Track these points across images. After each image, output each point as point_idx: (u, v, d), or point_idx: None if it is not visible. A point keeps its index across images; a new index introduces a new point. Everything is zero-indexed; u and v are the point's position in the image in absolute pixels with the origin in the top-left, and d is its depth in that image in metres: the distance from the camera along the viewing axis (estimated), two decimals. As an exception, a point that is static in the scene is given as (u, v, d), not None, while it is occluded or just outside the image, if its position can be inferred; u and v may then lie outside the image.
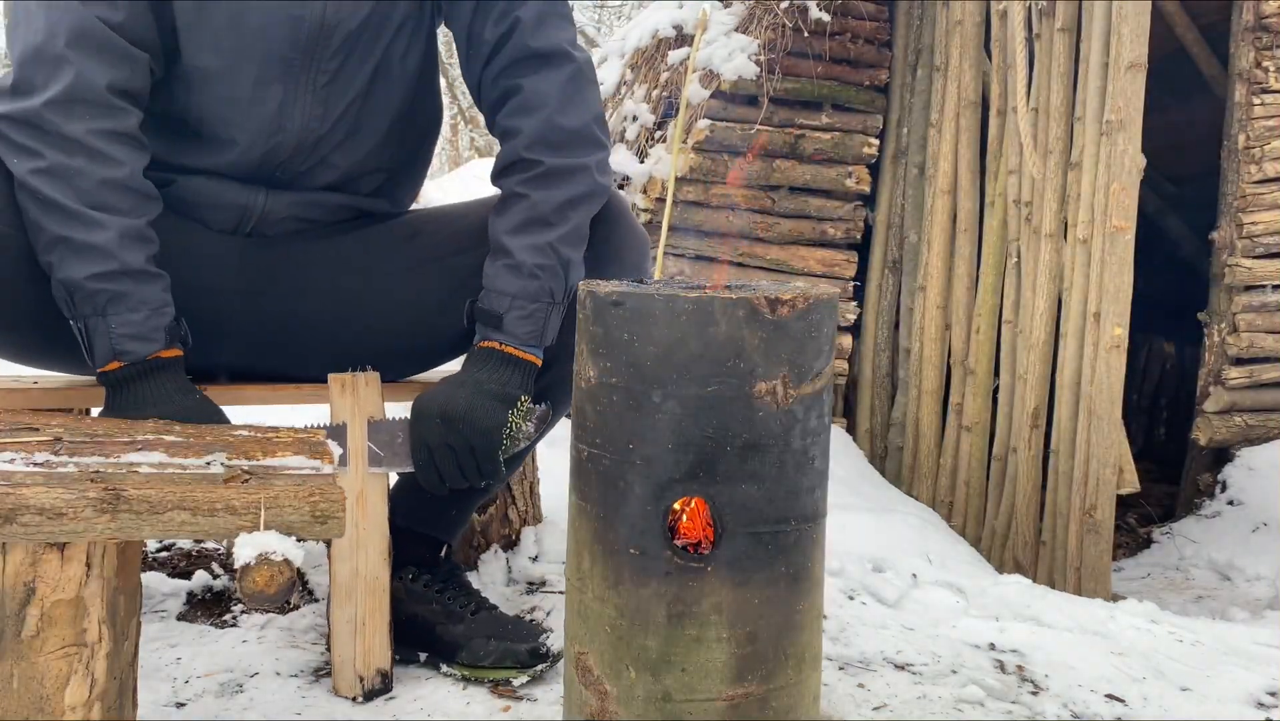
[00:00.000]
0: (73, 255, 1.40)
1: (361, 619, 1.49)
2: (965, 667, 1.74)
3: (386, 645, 1.51)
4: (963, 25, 3.98)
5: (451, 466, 1.48)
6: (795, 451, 1.06)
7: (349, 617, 1.49)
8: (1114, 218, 3.30)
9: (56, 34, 1.39)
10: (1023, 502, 3.63)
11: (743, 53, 4.02)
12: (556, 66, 1.55)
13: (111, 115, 1.42)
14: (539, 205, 1.51)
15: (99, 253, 1.40)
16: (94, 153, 1.40)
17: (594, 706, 1.10)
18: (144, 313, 1.42)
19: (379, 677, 1.50)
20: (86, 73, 1.40)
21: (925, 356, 4.08)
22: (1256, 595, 3.63)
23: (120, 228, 1.41)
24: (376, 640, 1.50)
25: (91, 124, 1.40)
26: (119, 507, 1.01)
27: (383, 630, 1.50)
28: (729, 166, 4.05)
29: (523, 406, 1.49)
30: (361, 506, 1.49)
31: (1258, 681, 1.77)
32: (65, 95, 1.39)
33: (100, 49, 1.41)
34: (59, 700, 1.03)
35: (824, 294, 1.07)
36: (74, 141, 1.39)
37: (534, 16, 1.55)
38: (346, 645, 1.49)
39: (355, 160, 1.66)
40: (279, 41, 1.51)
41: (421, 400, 1.51)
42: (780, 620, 1.08)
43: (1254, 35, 4.01)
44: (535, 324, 1.52)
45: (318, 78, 1.56)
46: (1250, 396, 4.15)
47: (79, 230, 1.40)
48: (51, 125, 1.39)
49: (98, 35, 1.40)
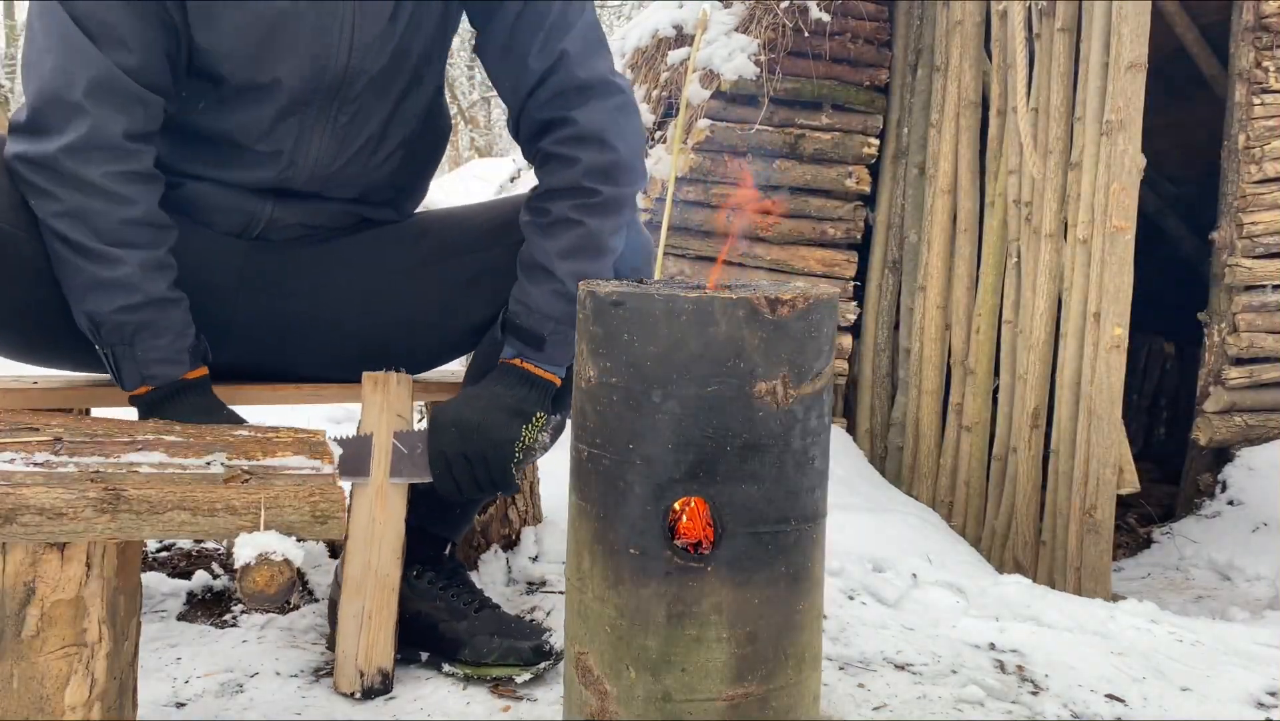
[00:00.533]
0: (98, 290, 1.45)
1: (369, 614, 1.49)
2: (965, 667, 1.74)
3: (390, 643, 1.51)
4: (963, 25, 3.98)
5: (466, 476, 1.50)
6: (795, 451, 1.06)
7: (355, 612, 1.49)
8: (1114, 218, 3.30)
9: (74, 82, 1.40)
10: (1023, 502, 3.63)
11: (743, 53, 4.02)
12: (604, 96, 1.56)
13: (126, 158, 1.44)
14: (594, 233, 1.53)
15: (122, 287, 1.44)
16: (110, 195, 1.43)
17: (594, 706, 1.10)
18: (169, 338, 1.47)
19: (379, 676, 1.50)
20: (102, 121, 1.41)
21: (925, 356, 4.08)
22: (1256, 595, 3.63)
23: (141, 261, 1.45)
24: (381, 637, 1.50)
25: (107, 168, 1.43)
26: (119, 507, 1.01)
27: (388, 628, 1.50)
28: (729, 166, 4.05)
29: (538, 422, 1.51)
30: (380, 502, 1.50)
31: (1258, 681, 1.77)
32: (82, 142, 1.41)
33: (116, 98, 1.42)
34: (59, 700, 1.03)
35: (824, 294, 1.07)
36: (91, 185, 1.42)
37: (580, 48, 1.55)
38: (350, 640, 1.49)
39: (366, 182, 1.67)
40: (301, 84, 1.52)
41: (439, 411, 1.54)
42: (780, 620, 1.08)
43: (1254, 35, 4.01)
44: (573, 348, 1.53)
45: (338, 117, 1.57)
46: (1250, 396, 4.15)
47: (103, 267, 1.44)
48: (68, 170, 1.42)
49: (114, 84, 1.42)
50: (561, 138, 1.55)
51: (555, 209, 1.55)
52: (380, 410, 1.54)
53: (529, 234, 1.57)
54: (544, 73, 1.55)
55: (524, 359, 1.55)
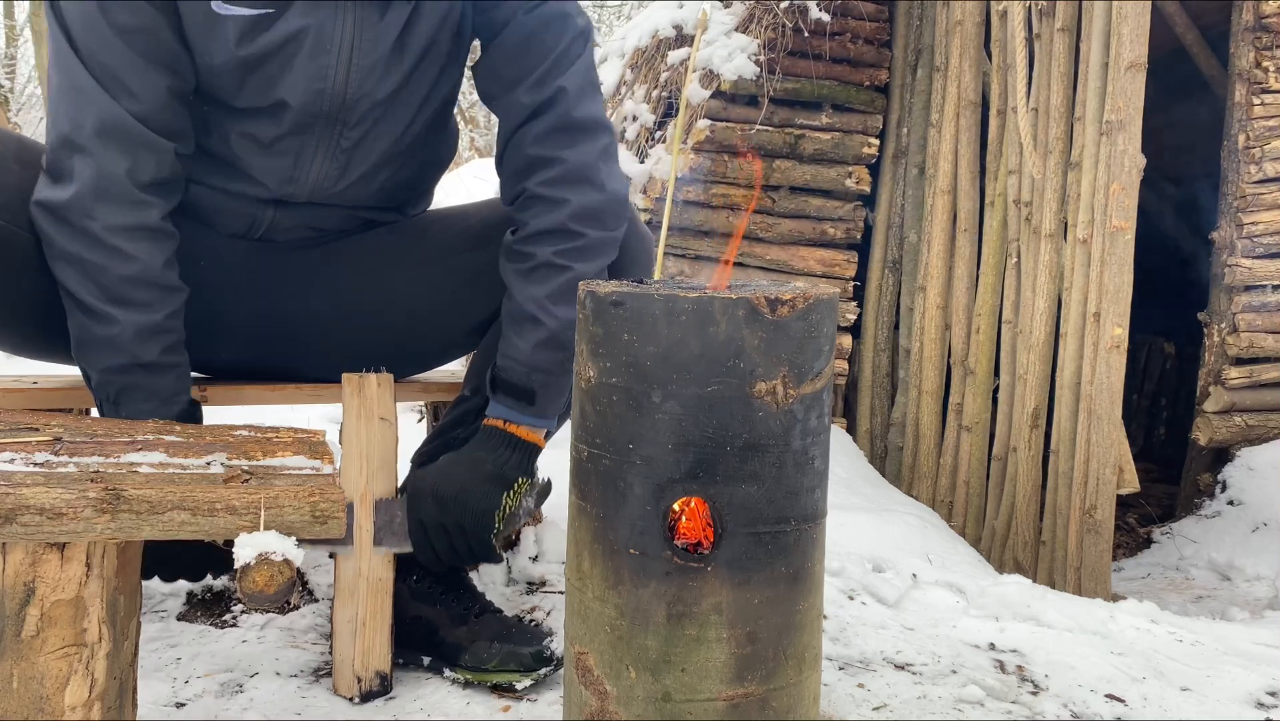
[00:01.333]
0: (90, 345, 1.45)
1: (362, 619, 1.49)
2: (965, 667, 1.74)
3: (386, 647, 1.51)
4: (963, 25, 3.98)
5: (445, 546, 1.48)
6: (795, 451, 1.06)
7: (350, 617, 1.49)
8: (1114, 218, 3.30)
9: (83, 125, 1.41)
10: (1023, 502, 3.63)
11: (743, 53, 4.01)
12: (594, 138, 1.53)
13: (134, 210, 1.44)
14: (581, 277, 1.49)
15: (112, 347, 1.44)
16: (113, 250, 1.43)
17: (594, 706, 1.10)
18: (153, 404, 1.46)
19: (377, 679, 1.50)
20: (109, 165, 1.41)
21: (925, 356, 4.08)
22: (1256, 595, 3.63)
23: (136, 324, 1.44)
24: (377, 641, 1.50)
25: (112, 220, 1.42)
26: (119, 507, 1.01)
27: (384, 631, 1.50)
28: (729, 166, 4.05)
29: (520, 487, 1.48)
30: (365, 507, 1.49)
31: (1258, 681, 1.77)
32: (89, 190, 1.41)
33: (124, 142, 1.42)
34: (59, 700, 1.03)
35: (824, 294, 1.07)
36: (94, 238, 1.42)
37: (578, 87, 1.52)
38: (346, 645, 1.49)
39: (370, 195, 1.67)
40: (300, 107, 1.51)
41: (418, 478, 1.51)
42: (780, 620, 1.08)
43: (1254, 35, 4.01)
44: (565, 396, 1.53)
45: (341, 141, 1.56)
46: (1250, 396, 4.15)
47: (96, 324, 1.44)
48: (76, 219, 1.42)
49: (121, 128, 1.41)
50: (549, 178, 1.51)
51: (539, 253, 1.51)
52: (358, 416, 1.51)
53: (512, 281, 1.52)
54: (539, 106, 1.51)
55: (509, 421, 1.51)
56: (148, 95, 1.43)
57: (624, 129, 4.44)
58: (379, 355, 1.64)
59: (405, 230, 1.74)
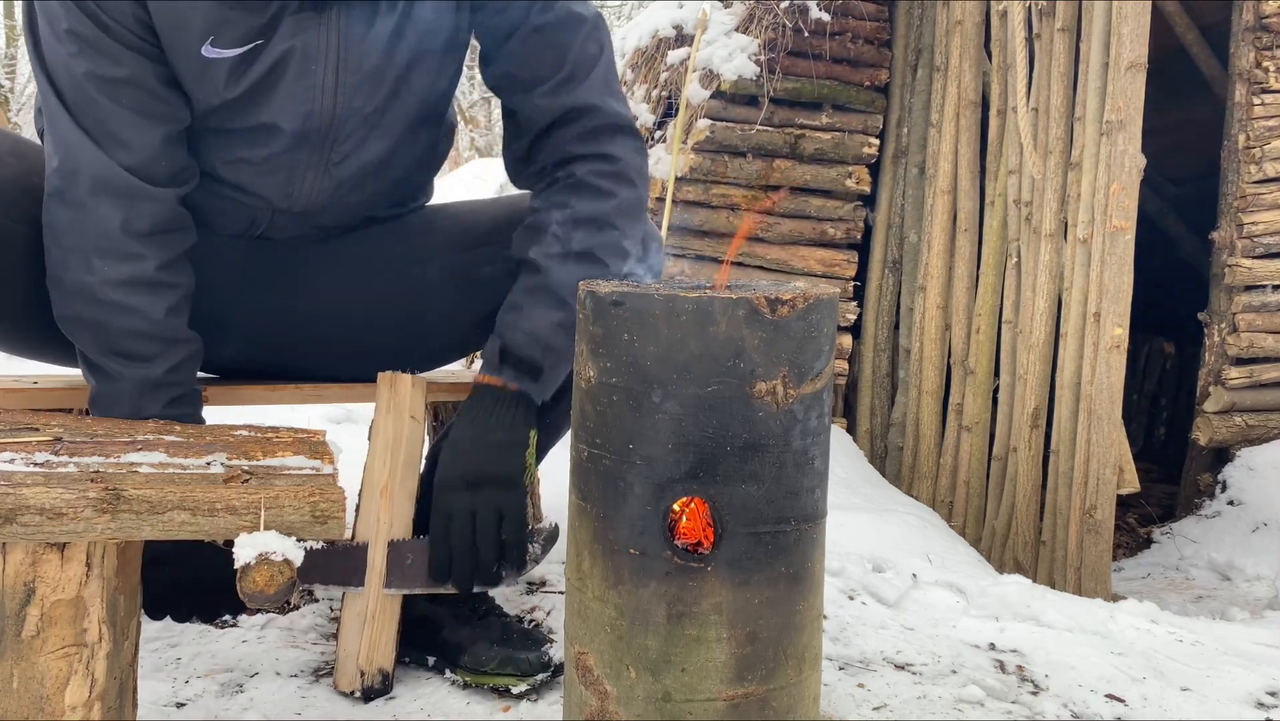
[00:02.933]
0: (98, 400, 1.45)
1: (371, 614, 1.49)
2: (965, 667, 1.74)
3: (392, 645, 1.50)
4: (963, 25, 3.98)
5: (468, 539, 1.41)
6: (795, 451, 1.06)
7: (359, 611, 1.49)
8: (1114, 218, 3.30)
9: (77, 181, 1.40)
10: (1023, 502, 3.63)
11: (743, 53, 4.01)
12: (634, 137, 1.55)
13: (129, 262, 1.42)
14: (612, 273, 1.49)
15: (116, 401, 1.44)
16: (110, 306, 1.42)
17: (594, 706, 1.10)
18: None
19: (379, 676, 1.50)
20: (102, 222, 1.40)
21: (925, 356, 4.08)
22: (1256, 595, 3.63)
23: (137, 380, 1.43)
24: (383, 638, 1.50)
25: (108, 274, 1.41)
26: (119, 507, 1.01)
27: (390, 629, 1.50)
28: (728, 166, 4.05)
29: (533, 440, 1.46)
30: (386, 500, 1.48)
31: (1258, 681, 1.77)
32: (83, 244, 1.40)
33: (118, 196, 1.40)
34: (59, 700, 1.03)
35: (824, 294, 1.07)
36: (90, 295, 1.41)
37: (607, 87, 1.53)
38: (353, 639, 1.49)
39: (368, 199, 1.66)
40: (291, 129, 1.50)
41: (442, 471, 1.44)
42: (780, 620, 1.08)
43: (1254, 35, 4.01)
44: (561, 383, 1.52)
45: (332, 156, 1.55)
46: (1250, 396, 4.15)
47: (100, 378, 1.44)
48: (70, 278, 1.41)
49: (115, 182, 1.40)
50: (602, 171, 1.50)
51: (579, 239, 1.49)
52: (388, 410, 1.51)
53: (546, 262, 1.49)
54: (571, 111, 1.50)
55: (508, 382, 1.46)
56: (140, 146, 1.41)
57: (624, 129, 4.43)
58: (382, 352, 1.64)
59: (410, 226, 1.74)
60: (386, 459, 1.50)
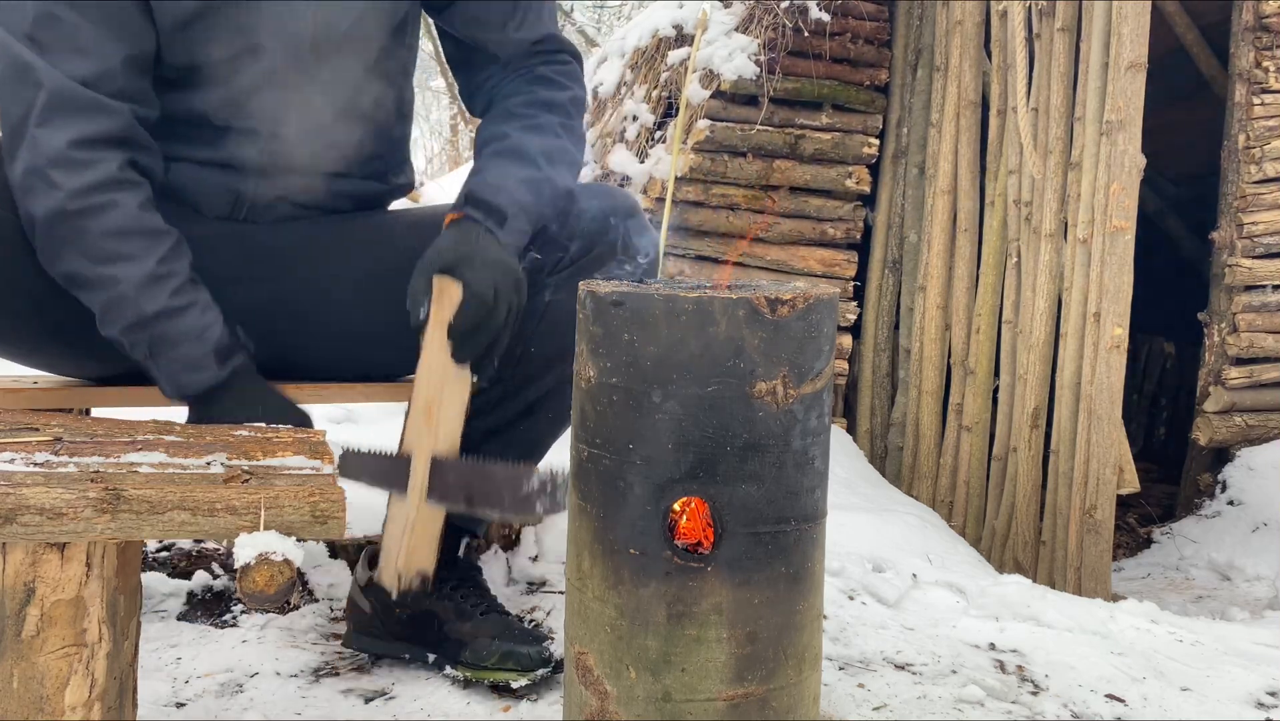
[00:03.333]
0: (104, 317, 1.44)
1: (412, 523, 1.46)
2: (965, 667, 1.74)
3: (432, 552, 1.48)
4: (963, 25, 3.98)
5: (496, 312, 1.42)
6: (795, 451, 1.06)
7: (400, 517, 1.47)
8: (1114, 218, 3.30)
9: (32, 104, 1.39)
10: (1023, 502, 3.63)
11: (743, 53, 4.01)
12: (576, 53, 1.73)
13: (89, 168, 1.41)
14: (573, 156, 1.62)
15: (119, 308, 1.43)
16: (81, 213, 1.40)
17: (594, 706, 1.10)
18: (185, 346, 1.44)
19: (418, 579, 1.48)
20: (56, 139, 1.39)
21: (925, 356, 4.08)
22: (1256, 595, 3.63)
23: (133, 280, 1.42)
24: (422, 545, 1.47)
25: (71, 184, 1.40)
26: (119, 507, 1.01)
27: (430, 538, 1.47)
28: (728, 166, 4.05)
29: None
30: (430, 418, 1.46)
31: (1258, 681, 1.77)
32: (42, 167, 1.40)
33: (72, 111, 1.40)
34: (59, 700, 1.03)
35: (824, 294, 1.07)
36: (61, 213, 1.40)
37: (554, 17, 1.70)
38: (394, 544, 1.47)
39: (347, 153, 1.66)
40: (271, 49, 1.52)
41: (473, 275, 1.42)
42: (780, 620, 1.08)
43: (1254, 35, 4.01)
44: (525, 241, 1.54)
45: (314, 81, 1.57)
46: (1250, 396, 4.15)
47: (97, 293, 1.43)
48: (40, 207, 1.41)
49: (70, 95, 1.40)
50: (559, 70, 1.67)
51: (545, 121, 1.60)
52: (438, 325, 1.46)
53: (513, 130, 1.58)
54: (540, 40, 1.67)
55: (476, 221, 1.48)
56: (100, 58, 1.41)
57: (624, 129, 4.44)
58: (378, 348, 1.63)
59: (404, 218, 1.74)
60: (433, 374, 1.47)
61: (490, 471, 1.45)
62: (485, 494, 1.45)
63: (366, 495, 1.92)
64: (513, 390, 1.63)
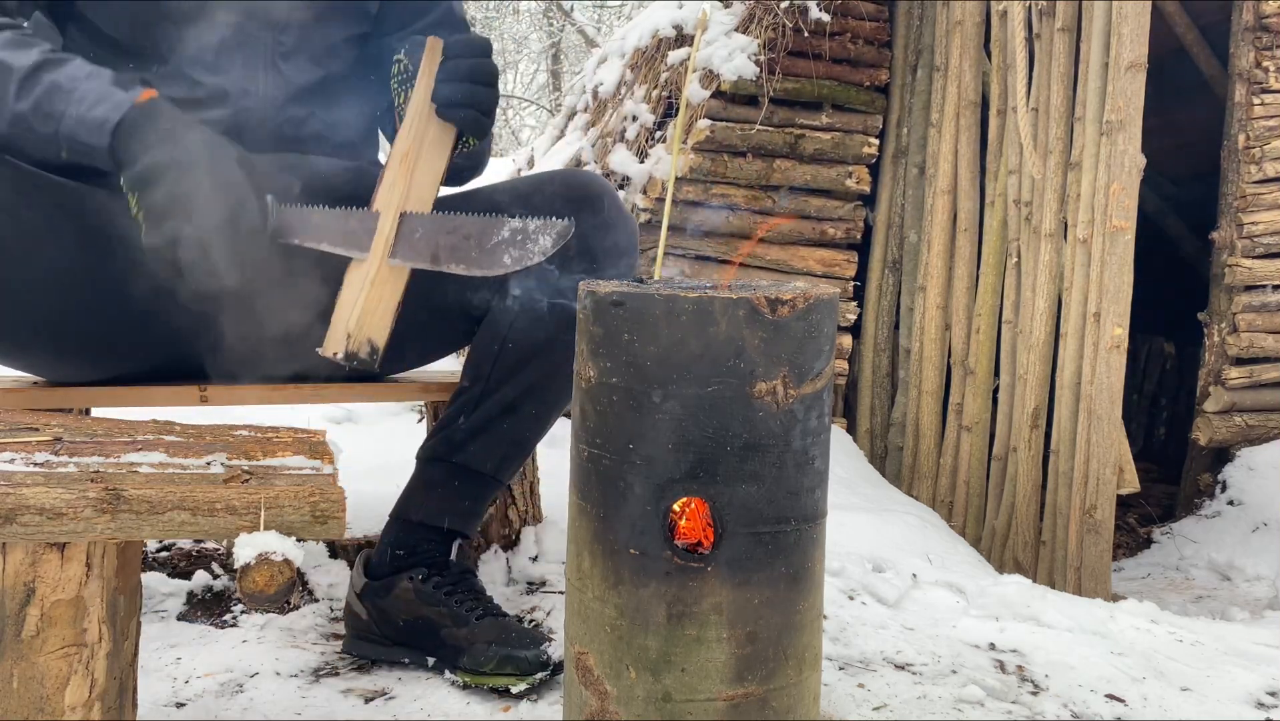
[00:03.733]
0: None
1: (371, 279, 1.41)
2: (965, 667, 1.74)
3: (388, 320, 1.42)
4: (963, 25, 3.98)
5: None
6: (795, 451, 1.06)
7: (359, 276, 1.42)
8: (1114, 218, 3.30)
9: None
10: (1023, 502, 3.63)
11: (743, 53, 4.01)
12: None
13: None
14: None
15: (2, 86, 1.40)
16: None
17: (594, 706, 1.10)
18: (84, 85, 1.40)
19: (368, 346, 1.41)
20: None
21: (925, 356, 4.08)
22: (1256, 595, 3.63)
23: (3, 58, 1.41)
24: (379, 308, 1.41)
25: None
26: (119, 507, 1.01)
27: (388, 302, 1.42)
28: (728, 166, 4.05)
29: None
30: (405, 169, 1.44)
31: (1258, 681, 1.77)
32: None
33: None
34: (59, 700, 1.03)
35: (824, 294, 1.07)
36: None
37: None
38: (347, 305, 1.42)
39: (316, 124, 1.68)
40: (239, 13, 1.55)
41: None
42: (780, 620, 1.08)
43: (1254, 35, 4.01)
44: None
45: (280, 42, 1.60)
46: (1250, 396, 4.15)
47: None
48: None
49: None
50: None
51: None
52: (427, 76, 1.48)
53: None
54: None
55: None
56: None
57: (624, 129, 4.44)
58: None
59: None
60: (415, 125, 1.45)
61: (459, 224, 1.41)
62: (451, 248, 1.40)
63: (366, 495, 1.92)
64: (492, 387, 1.62)
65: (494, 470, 1.66)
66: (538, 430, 1.68)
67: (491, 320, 1.63)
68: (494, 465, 1.65)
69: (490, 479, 1.66)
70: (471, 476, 1.65)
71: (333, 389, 1.76)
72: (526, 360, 1.60)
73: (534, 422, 1.66)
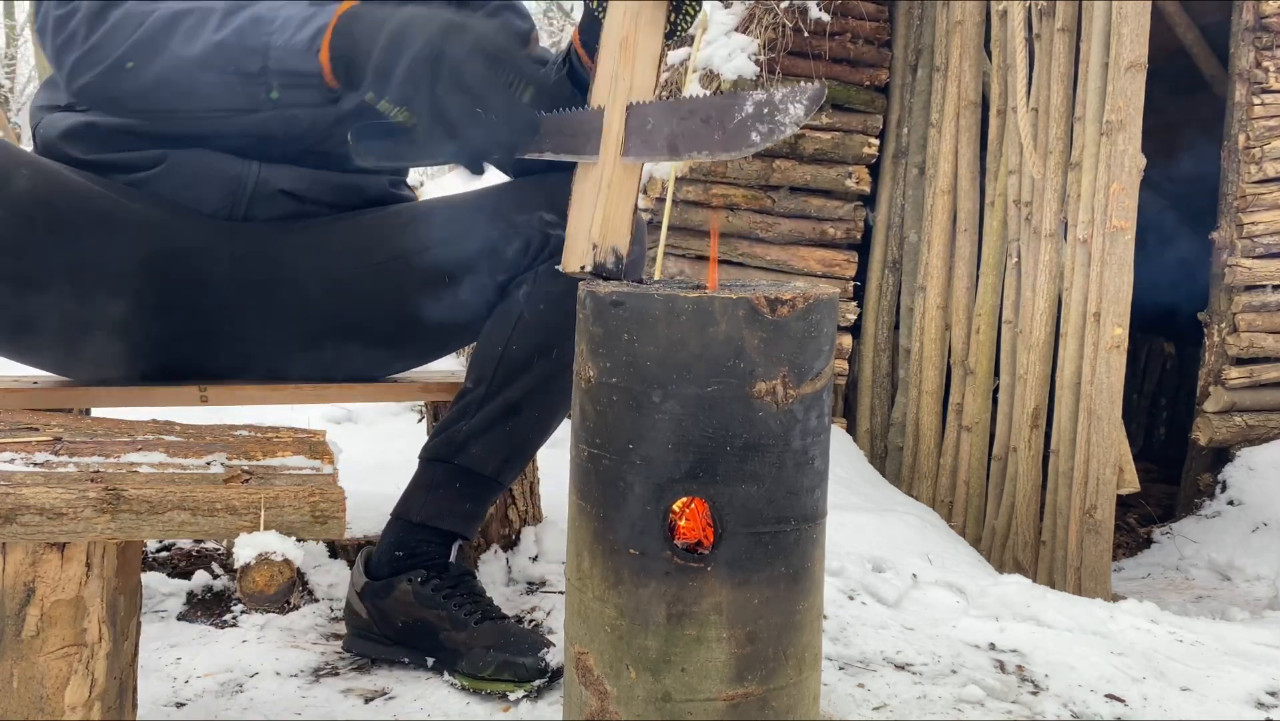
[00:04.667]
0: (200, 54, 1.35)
1: (607, 182, 1.27)
2: (965, 667, 1.74)
3: (628, 222, 1.28)
4: (963, 25, 3.98)
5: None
6: (795, 451, 1.06)
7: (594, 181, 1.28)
8: (1114, 218, 3.30)
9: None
10: (1023, 502, 3.63)
11: (743, 53, 4.02)
12: None
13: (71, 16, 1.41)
14: None
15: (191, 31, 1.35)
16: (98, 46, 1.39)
17: (594, 706, 1.10)
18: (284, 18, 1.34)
19: (613, 255, 1.26)
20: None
21: (925, 356, 4.08)
22: (1256, 595, 3.63)
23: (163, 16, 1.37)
24: (620, 212, 1.27)
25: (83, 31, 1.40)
26: (119, 507, 1.01)
27: (628, 203, 1.28)
28: (729, 166, 4.05)
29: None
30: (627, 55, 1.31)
31: (1258, 681, 1.77)
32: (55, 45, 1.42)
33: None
34: (59, 700, 1.03)
35: (824, 294, 1.07)
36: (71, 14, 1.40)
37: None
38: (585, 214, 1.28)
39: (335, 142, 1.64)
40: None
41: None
42: (780, 620, 1.08)
43: (1254, 35, 4.01)
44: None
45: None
46: (1250, 396, 4.15)
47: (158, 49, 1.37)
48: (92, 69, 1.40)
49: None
50: None
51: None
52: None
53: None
54: None
55: None
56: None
57: (624, 129, 4.44)
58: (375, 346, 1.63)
59: (399, 216, 1.72)
60: (628, 9, 1.32)
61: (694, 106, 1.26)
62: (690, 134, 1.25)
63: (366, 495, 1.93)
64: (495, 389, 1.62)
65: (496, 472, 1.65)
66: (540, 433, 1.68)
67: (495, 322, 1.63)
68: (496, 467, 1.65)
69: (492, 481, 1.66)
70: (473, 478, 1.65)
71: (333, 389, 1.76)
72: (529, 362, 1.60)
73: (537, 425, 1.65)
